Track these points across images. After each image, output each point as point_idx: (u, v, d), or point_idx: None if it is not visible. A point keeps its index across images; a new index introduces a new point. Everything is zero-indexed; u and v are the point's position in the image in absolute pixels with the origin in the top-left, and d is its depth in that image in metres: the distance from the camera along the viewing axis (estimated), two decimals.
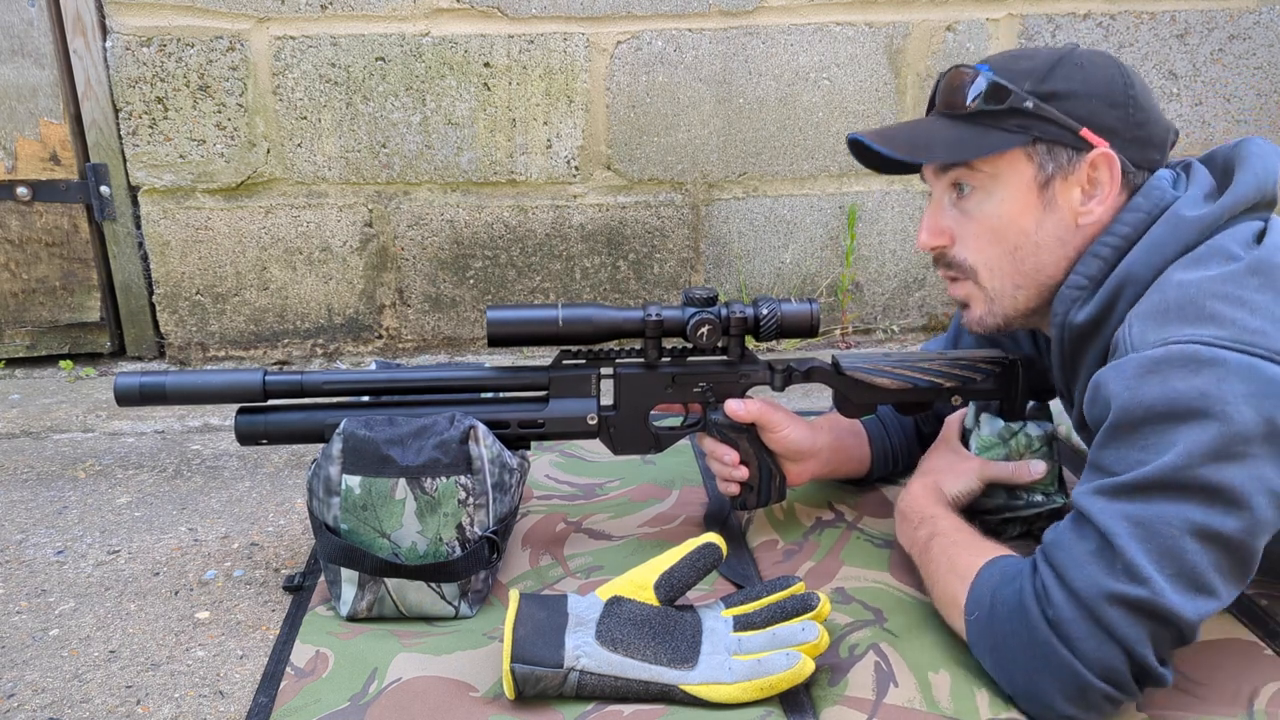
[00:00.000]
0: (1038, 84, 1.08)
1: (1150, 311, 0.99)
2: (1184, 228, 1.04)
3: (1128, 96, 1.09)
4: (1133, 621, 0.91)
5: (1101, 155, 1.08)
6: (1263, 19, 2.24)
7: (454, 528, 1.19)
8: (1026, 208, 1.11)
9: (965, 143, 1.11)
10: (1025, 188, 1.10)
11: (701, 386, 1.32)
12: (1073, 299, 1.09)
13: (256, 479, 1.66)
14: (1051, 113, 1.07)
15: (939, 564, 1.12)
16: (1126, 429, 0.95)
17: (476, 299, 2.24)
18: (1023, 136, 1.09)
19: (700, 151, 2.20)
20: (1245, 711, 1.02)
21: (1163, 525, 0.91)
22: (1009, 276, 1.14)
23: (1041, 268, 1.13)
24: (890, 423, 1.50)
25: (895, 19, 2.15)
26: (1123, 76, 1.10)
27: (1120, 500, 0.94)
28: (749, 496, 1.35)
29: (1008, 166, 1.10)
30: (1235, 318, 0.94)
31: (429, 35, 2.06)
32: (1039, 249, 1.12)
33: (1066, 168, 1.09)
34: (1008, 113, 1.09)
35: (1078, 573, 0.93)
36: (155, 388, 1.24)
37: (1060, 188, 1.10)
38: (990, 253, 1.14)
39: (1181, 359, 0.93)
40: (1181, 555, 0.91)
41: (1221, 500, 0.91)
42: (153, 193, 2.11)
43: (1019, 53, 1.14)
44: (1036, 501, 1.30)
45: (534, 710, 1.04)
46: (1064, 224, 1.11)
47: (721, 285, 2.29)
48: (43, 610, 1.29)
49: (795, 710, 1.04)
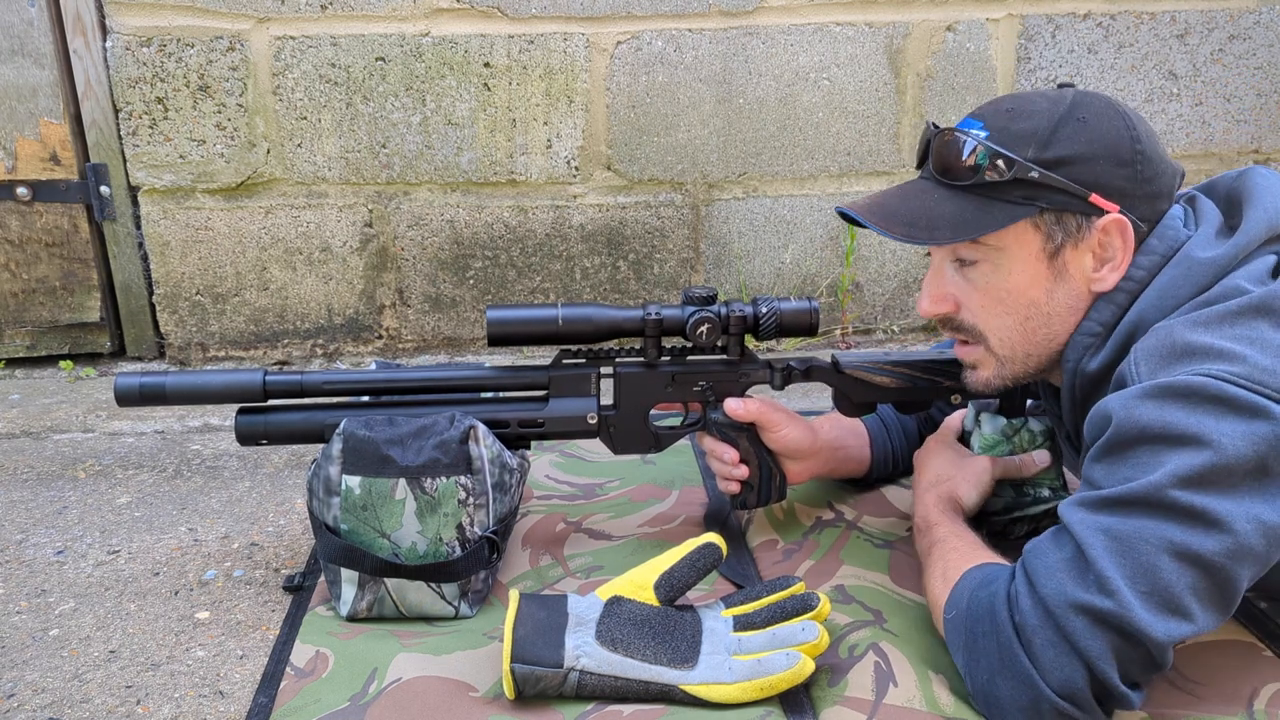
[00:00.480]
0: (1041, 150, 1.02)
1: (1157, 350, 0.96)
2: (1197, 270, 1.01)
3: (1135, 153, 1.03)
4: (1096, 634, 0.89)
5: (1113, 221, 1.03)
6: (1263, 19, 2.24)
7: (454, 528, 1.19)
8: (1036, 279, 1.06)
9: (968, 219, 1.04)
10: (1034, 259, 1.05)
11: (701, 385, 1.32)
12: (1085, 346, 1.06)
13: (256, 479, 1.66)
14: (1059, 181, 1.02)
15: (933, 570, 1.12)
16: (1119, 447, 0.93)
17: (476, 299, 2.24)
18: (1029, 208, 1.03)
19: (700, 151, 2.20)
20: (1245, 711, 1.02)
21: (1139, 541, 0.89)
22: (1020, 345, 1.10)
23: (1054, 336, 1.09)
24: (891, 423, 1.50)
25: (895, 19, 2.15)
26: (1128, 129, 1.04)
27: (1100, 513, 0.92)
28: (749, 495, 1.35)
29: (1014, 239, 1.05)
30: (1245, 354, 0.92)
31: (429, 35, 2.06)
32: (1050, 319, 1.08)
33: (1076, 235, 1.04)
34: (1011, 183, 1.03)
35: (1048, 580, 0.92)
36: (155, 388, 1.24)
37: (1071, 256, 1.05)
38: (999, 323, 1.10)
39: (1186, 389, 0.91)
40: (1155, 573, 0.88)
41: (1202, 522, 0.88)
42: (153, 193, 2.11)
43: (1015, 107, 1.06)
44: (1044, 497, 1.30)
45: (534, 710, 1.04)
46: (1076, 292, 1.06)
47: (721, 285, 2.29)
48: (43, 610, 1.29)
49: (795, 710, 1.04)
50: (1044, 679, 0.91)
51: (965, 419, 1.35)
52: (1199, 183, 1.17)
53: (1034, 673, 0.91)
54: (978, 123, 1.07)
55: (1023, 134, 1.04)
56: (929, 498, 1.23)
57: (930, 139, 1.10)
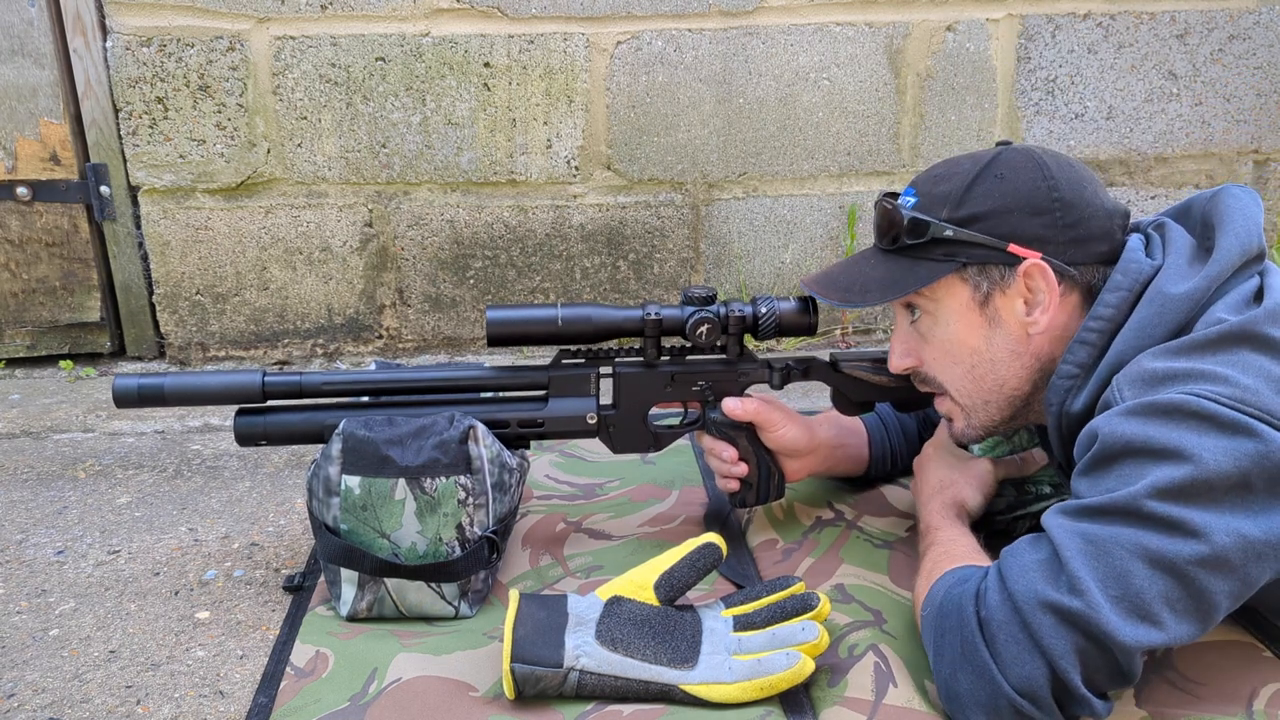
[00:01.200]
0: (954, 210, 1.09)
1: (1140, 376, 0.97)
2: (1170, 307, 1.01)
3: (1052, 201, 1.07)
4: (1062, 633, 0.89)
5: (1033, 266, 1.07)
6: (1263, 19, 2.24)
7: (454, 528, 1.19)
8: (972, 327, 1.12)
9: (896, 280, 1.12)
10: (966, 309, 1.12)
11: (700, 385, 1.32)
12: (1066, 389, 1.07)
13: (256, 479, 1.67)
14: (973, 236, 1.08)
15: (920, 572, 1.13)
16: (1104, 461, 0.94)
17: (476, 299, 2.24)
18: (950, 264, 1.10)
19: (700, 151, 2.20)
20: (1244, 710, 1.02)
21: (1114, 546, 0.89)
22: (974, 394, 1.15)
23: (1002, 382, 1.13)
24: (890, 422, 1.50)
25: (895, 19, 2.15)
26: (1045, 179, 1.07)
27: (1080, 520, 0.93)
28: (748, 494, 1.35)
29: (945, 291, 1.12)
30: (1228, 375, 0.92)
31: (429, 35, 2.06)
32: (995, 364, 1.13)
33: (1002, 283, 1.09)
34: (931, 243, 1.10)
35: (1019, 578, 0.93)
36: (153, 389, 1.24)
37: (1001, 303, 1.10)
38: (951, 373, 1.16)
39: (1170, 406, 0.92)
40: (1128, 578, 0.88)
41: (1179, 532, 0.88)
42: (153, 193, 2.11)
43: (942, 174, 1.13)
44: (1045, 494, 1.30)
45: (534, 710, 1.04)
46: (1013, 337, 1.11)
47: (721, 285, 2.29)
48: (43, 610, 1.29)
49: (795, 710, 1.04)
50: (1004, 674, 0.91)
51: None
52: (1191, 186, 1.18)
53: (994, 667, 0.92)
54: (911, 190, 1.15)
55: (940, 196, 1.11)
56: (933, 504, 1.23)
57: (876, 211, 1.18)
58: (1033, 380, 1.13)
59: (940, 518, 1.20)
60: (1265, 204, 2.35)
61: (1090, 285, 1.09)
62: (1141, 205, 2.30)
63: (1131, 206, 2.26)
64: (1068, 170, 1.10)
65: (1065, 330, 1.10)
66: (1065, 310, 1.09)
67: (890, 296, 1.12)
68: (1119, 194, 2.32)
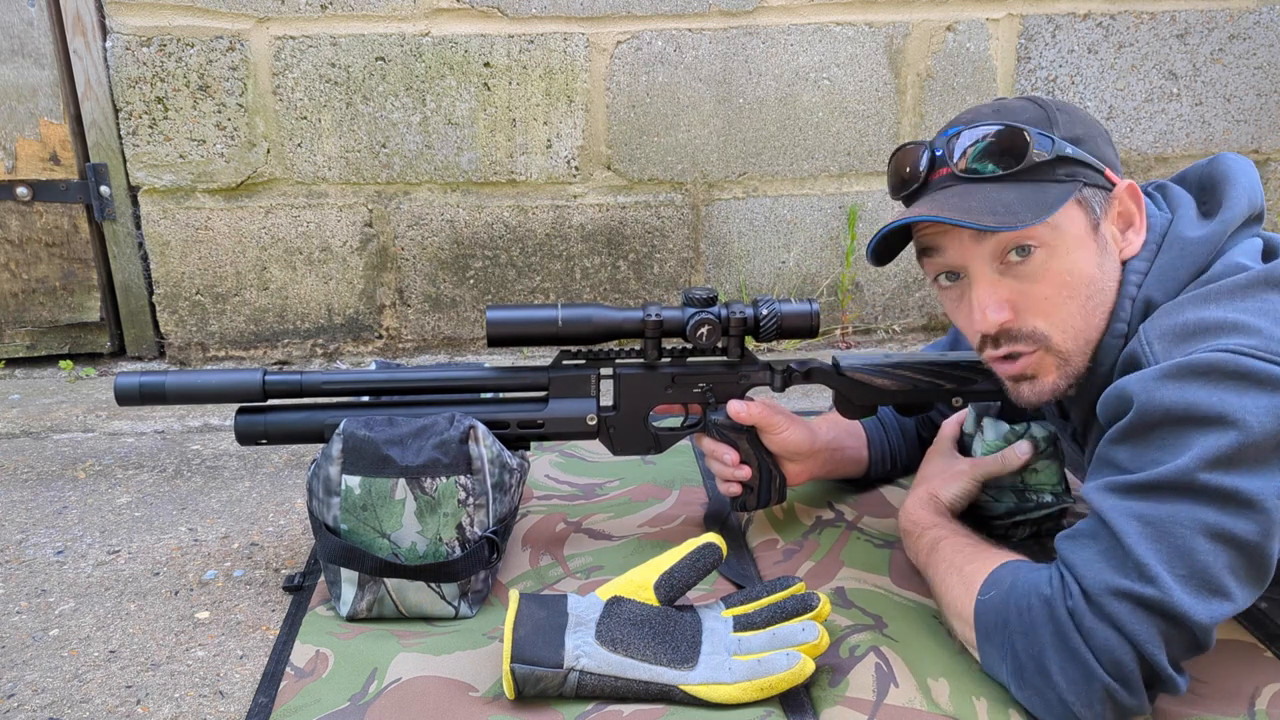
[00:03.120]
0: (1066, 130, 1.06)
1: (1170, 329, 0.97)
2: (1191, 249, 1.03)
3: (1108, 135, 1.11)
4: (1141, 619, 0.90)
5: (1128, 188, 1.07)
6: (1263, 19, 2.24)
7: (454, 528, 1.19)
8: (1089, 255, 1.06)
9: (1039, 200, 1.03)
10: (1085, 234, 1.06)
11: (701, 387, 1.32)
12: (1117, 349, 1.06)
13: (256, 479, 1.66)
14: (1087, 156, 1.06)
15: (944, 570, 1.11)
16: (1142, 429, 0.94)
17: (476, 299, 2.24)
18: (1074, 185, 1.05)
19: (700, 151, 2.20)
20: (1246, 710, 1.02)
21: (1174, 525, 0.90)
22: (1082, 331, 1.07)
23: (1108, 311, 1.07)
24: (890, 424, 1.50)
25: (895, 19, 2.15)
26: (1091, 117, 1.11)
27: (1131, 498, 0.93)
28: (749, 497, 1.35)
29: (1065, 217, 1.04)
30: (1261, 327, 0.93)
31: (429, 35, 2.06)
32: (1104, 294, 1.07)
33: (1106, 206, 1.07)
34: (1054, 162, 1.04)
35: (1087, 569, 0.93)
36: (155, 387, 1.24)
37: (1105, 228, 1.07)
38: (1064, 311, 1.06)
39: (1206, 366, 0.91)
40: (1192, 555, 0.89)
41: (1234, 503, 0.89)
42: (153, 193, 2.11)
43: (1000, 108, 1.09)
44: (1046, 502, 1.30)
45: (534, 710, 1.04)
46: (1114, 262, 1.08)
47: (722, 285, 2.29)
48: (43, 610, 1.29)
49: (795, 710, 1.04)
50: (1097, 660, 0.91)
51: (965, 423, 1.34)
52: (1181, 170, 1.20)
53: (1087, 653, 0.92)
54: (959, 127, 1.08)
55: (1037, 119, 1.06)
56: (912, 498, 1.26)
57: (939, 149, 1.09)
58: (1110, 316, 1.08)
59: (926, 513, 1.22)
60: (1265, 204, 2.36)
61: None
62: None
63: None
64: None
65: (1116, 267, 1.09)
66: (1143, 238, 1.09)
67: (1043, 214, 1.01)
68: None
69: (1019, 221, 1.01)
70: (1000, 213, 1.02)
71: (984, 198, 1.04)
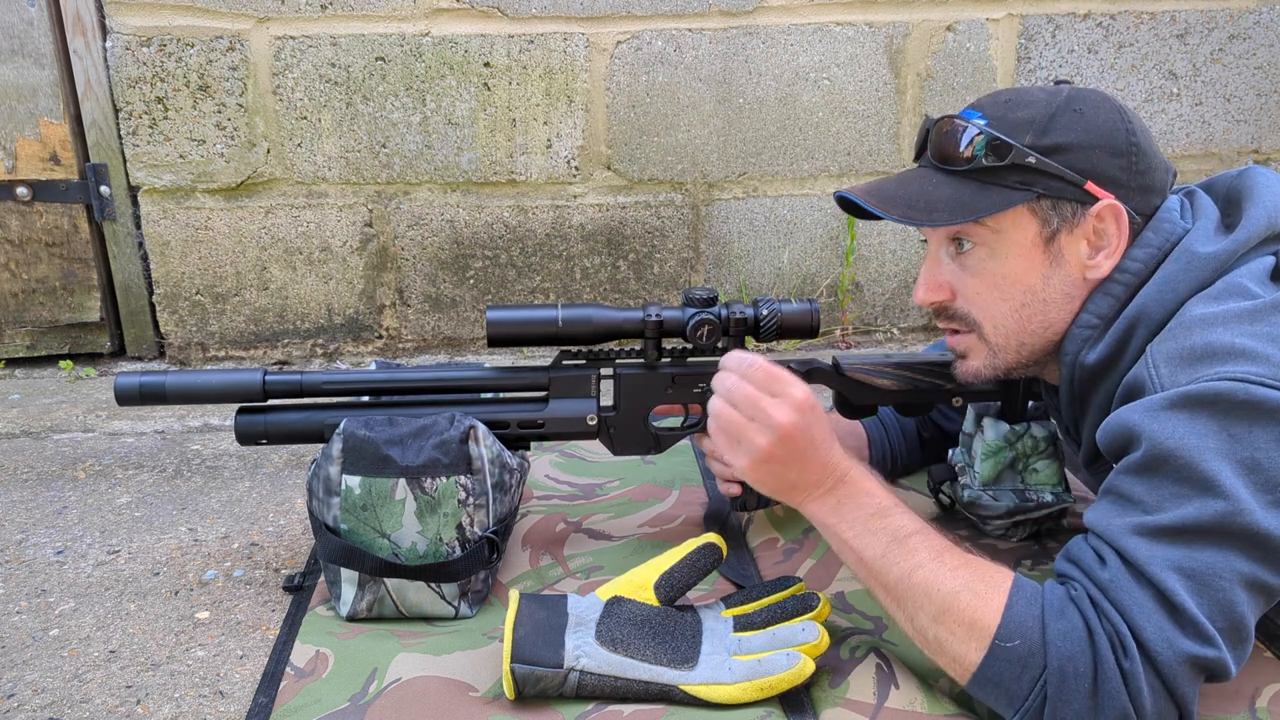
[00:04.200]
0: (1038, 137, 1.03)
1: (1176, 352, 0.95)
2: (1197, 265, 1.01)
3: (1130, 144, 1.04)
4: (1194, 679, 0.88)
5: (1108, 207, 1.03)
6: (1263, 19, 2.24)
7: (454, 528, 1.19)
8: (1032, 265, 1.06)
9: (966, 202, 1.05)
10: (1030, 244, 1.06)
11: (701, 387, 1.32)
12: (1084, 339, 1.06)
13: (256, 479, 1.66)
14: (1055, 167, 1.03)
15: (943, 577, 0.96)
16: (1157, 464, 0.91)
17: (476, 299, 2.24)
18: (1026, 193, 1.04)
19: (700, 151, 2.20)
20: (1247, 710, 1.03)
21: (1214, 578, 0.88)
22: (1014, 333, 1.10)
23: (1050, 324, 1.08)
24: (890, 424, 1.50)
25: (895, 19, 2.15)
26: (1124, 123, 1.05)
27: (1164, 544, 0.89)
28: (749, 497, 1.35)
29: (1011, 223, 1.06)
30: (1270, 354, 0.91)
31: (429, 35, 2.06)
32: (1046, 305, 1.07)
33: (1071, 221, 1.05)
34: (1009, 168, 1.04)
35: (1146, 623, 0.88)
36: (155, 387, 1.24)
37: (1066, 242, 1.05)
38: (995, 310, 1.09)
39: (1213, 396, 0.89)
40: (1232, 608, 0.88)
41: (1262, 548, 0.88)
42: (153, 193, 2.11)
43: (1013, 98, 1.08)
44: (1047, 501, 1.30)
45: (534, 710, 1.04)
46: (1071, 279, 1.06)
47: (721, 285, 2.29)
48: (43, 610, 1.29)
49: (795, 711, 1.04)
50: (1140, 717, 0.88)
51: (965, 423, 1.34)
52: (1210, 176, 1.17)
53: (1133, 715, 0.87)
54: (976, 112, 1.08)
55: (1020, 121, 1.05)
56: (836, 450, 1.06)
57: (929, 127, 1.11)
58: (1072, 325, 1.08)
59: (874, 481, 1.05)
60: None
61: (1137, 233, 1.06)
62: None
63: None
64: (1138, 118, 1.07)
65: None
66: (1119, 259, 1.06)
67: (961, 219, 1.05)
68: None
69: (930, 220, 1.05)
70: (920, 206, 1.06)
71: (921, 187, 1.08)
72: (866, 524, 1.01)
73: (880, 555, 0.99)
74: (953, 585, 0.94)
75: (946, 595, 0.94)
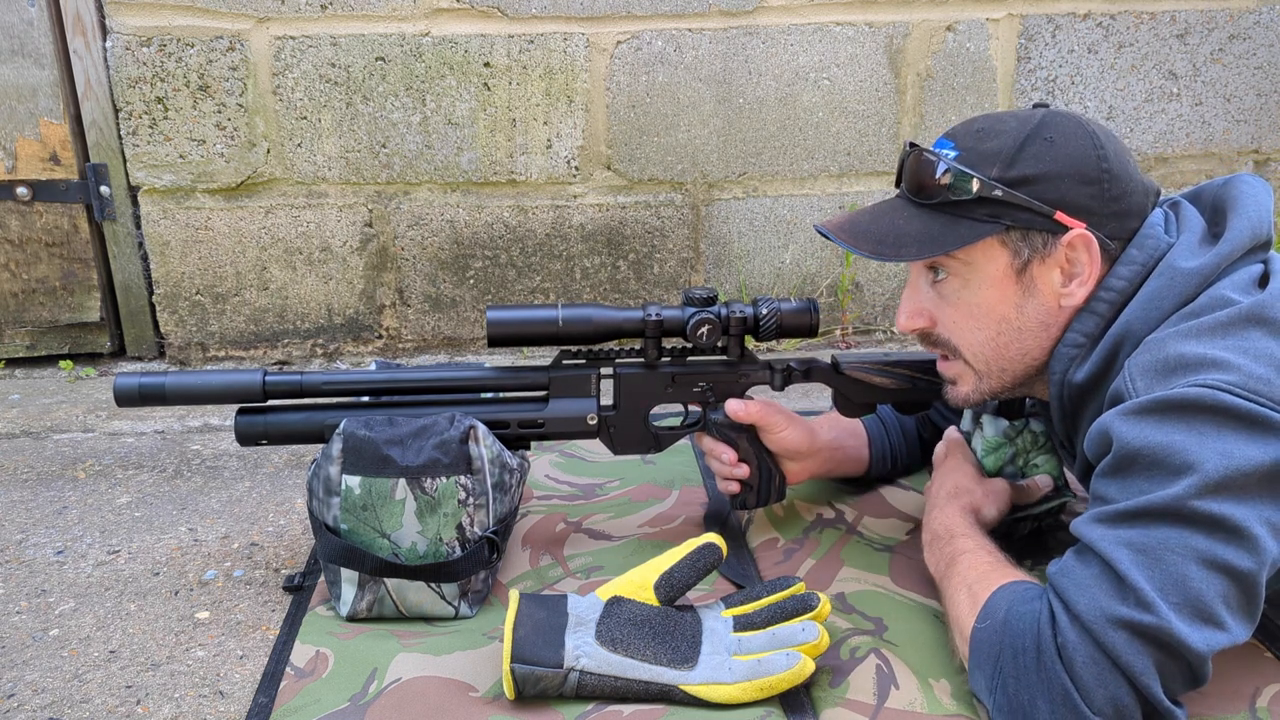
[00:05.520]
0: (1006, 169, 1.04)
1: (1151, 364, 0.96)
2: (1180, 280, 1.01)
3: (1101, 171, 1.05)
4: (1138, 649, 0.87)
5: (1079, 237, 1.04)
6: (1263, 19, 2.24)
7: (454, 528, 1.19)
8: (1005, 295, 1.08)
9: (934, 236, 1.07)
10: (1002, 275, 1.07)
11: (701, 386, 1.32)
12: (1070, 357, 1.07)
13: (256, 479, 1.66)
14: (1022, 199, 1.04)
15: (956, 584, 1.08)
16: (1126, 463, 0.93)
17: (476, 299, 2.24)
18: (995, 225, 1.05)
19: (700, 151, 2.20)
20: (1247, 709, 1.03)
21: (1165, 552, 0.88)
22: (993, 360, 1.12)
23: (1026, 351, 1.11)
24: (890, 423, 1.50)
25: (895, 19, 2.15)
26: (1095, 149, 1.05)
27: (1120, 527, 0.91)
28: (748, 496, 1.35)
29: (982, 255, 1.07)
30: (1240, 364, 0.92)
31: (429, 35, 2.06)
32: (1022, 334, 1.09)
33: (1043, 251, 1.06)
34: (977, 201, 1.05)
35: (1079, 595, 0.91)
36: (154, 388, 1.24)
37: (1038, 271, 1.07)
38: (972, 338, 1.12)
39: (1183, 401, 0.91)
40: (1185, 582, 0.87)
41: (1223, 530, 0.88)
42: (153, 193, 2.11)
43: (985, 128, 1.09)
44: (1047, 496, 1.30)
45: (534, 710, 1.04)
46: (1045, 307, 1.08)
47: (721, 285, 2.29)
48: (43, 610, 1.29)
49: (795, 711, 1.04)
50: (1085, 700, 0.89)
51: (964, 421, 1.35)
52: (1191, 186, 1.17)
53: (1075, 694, 0.89)
54: (949, 143, 1.10)
55: (989, 153, 1.06)
56: (952, 508, 1.20)
57: (904, 158, 1.13)
58: (1052, 352, 1.10)
59: (963, 523, 1.17)
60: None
61: (1116, 260, 1.07)
62: None
63: None
64: (1113, 141, 1.08)
65: None
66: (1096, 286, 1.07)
67: (926, 254, 1.07)
68: None
69: (898, 255, 1.07)
70: (889, 241, 1.09)
71: (892, 221, 1.11)
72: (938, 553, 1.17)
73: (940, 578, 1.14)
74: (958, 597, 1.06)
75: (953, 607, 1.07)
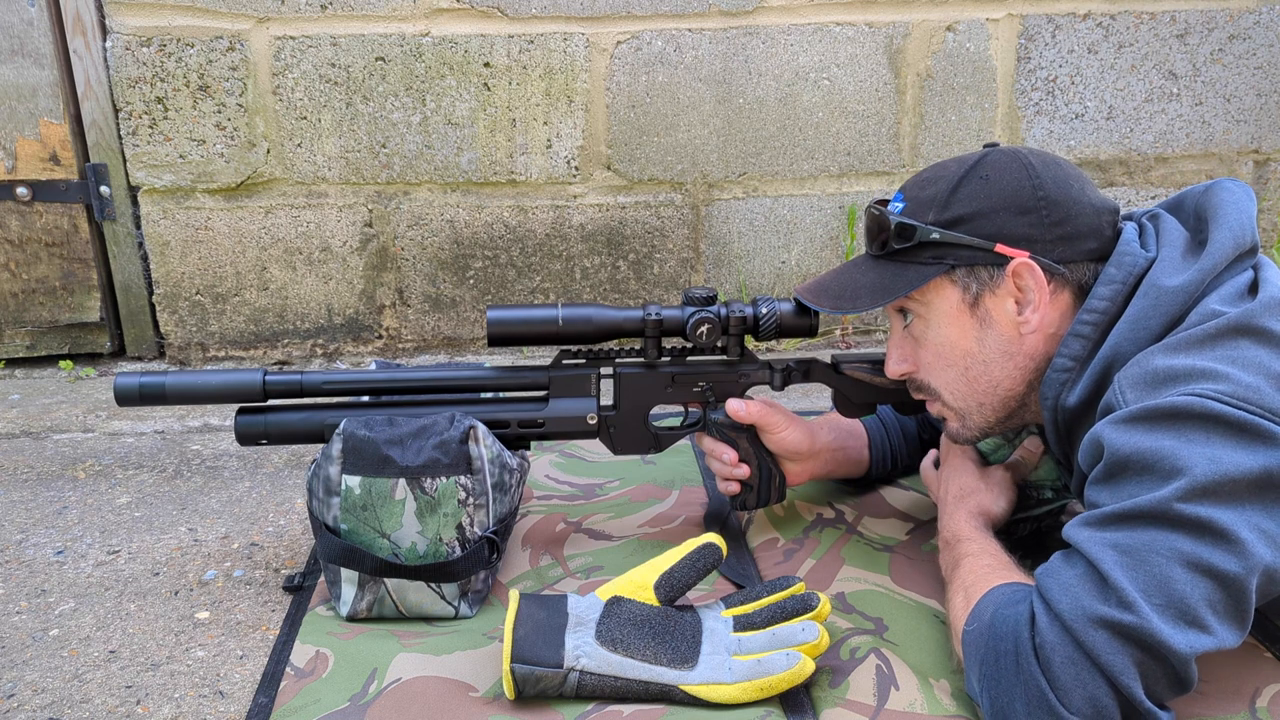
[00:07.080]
0: (940, 212, 1.10)
1: (1141, 377, 0.96)
2: (1166, 300, 1.01)
3: (1037, 200, 1.08)
4: (1117, 648, 0.87)
5: (1021, 265, 1.07)
6: (1263, 19, 2.24)
7: (454, 528, 1.19)
8: (964, 329, 1.12)
9: (885, 285, 1.13)
10: (956, 311, 1.12)
11: (701, 386, 1.32)
12: (1061, 382, 1.08)
13: (256, 479, 1.66)
14: (959, 238, 1.09)
15: (955, 585, 1.10)
16: (1118, 470, 0.93)
17: (476, 299, 2.24)
18: (939, 266, 1.10)
19: (700, 151, 2.20)
20: (1247, 709, 1.03)
21: (1150, 554, 0.88)
22: (968, 396, 1.16)
23: (996, 383, 1.13)
24: (890, 423, 1.50)
25: (895, 19, 2.15)
26: (1030, 179, 1.08)
27: (1107, 529, 0.92)
28: (749, 496, 1.35)
29: (936, 294, 1.13)
30: (1229, 373, 0.92)
31: (429, 35, 2.06)
32: (988, 365, 1.13)
33: (991, 284, 1.09)
34: (918, 247, 1.11)
35: (1062, 595, 0.91)
36: (154, 388, 1.25)
37: (991, 303, 1.10)
38: (944, 376, 1.16)
39: (1173, 410, 0.91)
40: (1169, 584, 0.87)
41: (1210, 534, 0.88)
42: (153, 193, 2.11)
43: (927, 177, 1.15)
44: (1047, 498, 1.30)
45: (534, 710, 1.04)
46: (1005, 337, 1.11)
47: (721, 285, 2.29)
48: (43, 610, 1.29)
49: (795, 711, 1.04)
50: (1062, 701, 0.88)
51: None
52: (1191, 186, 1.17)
53: (1052, 695, 0.89)
54: (900, 195, 1.16)
55: (927, 200, 1.12)
56: (959, 512, 1.21)
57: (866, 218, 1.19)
58: (1027, 380, 1.13)
59: (969, 526, 1.18)
60: (1265, 204, 2.36)
61: (1081, 283, 1.09)
62: (1141, 205, 2.29)
63: (1131, 207, 2.26)
64: (1053, 169, 1.10)
65: (1058, 329, 1.10)
66: (1057, 309, 1.09)
67: (879, 301, 1.13)
68: (1119, 194, 2.32)
69: (854, 306, 1.15)
70: (846, 295, 1.17)
71: (851, 277, 1.19)
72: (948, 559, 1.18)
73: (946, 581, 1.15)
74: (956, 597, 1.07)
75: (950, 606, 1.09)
